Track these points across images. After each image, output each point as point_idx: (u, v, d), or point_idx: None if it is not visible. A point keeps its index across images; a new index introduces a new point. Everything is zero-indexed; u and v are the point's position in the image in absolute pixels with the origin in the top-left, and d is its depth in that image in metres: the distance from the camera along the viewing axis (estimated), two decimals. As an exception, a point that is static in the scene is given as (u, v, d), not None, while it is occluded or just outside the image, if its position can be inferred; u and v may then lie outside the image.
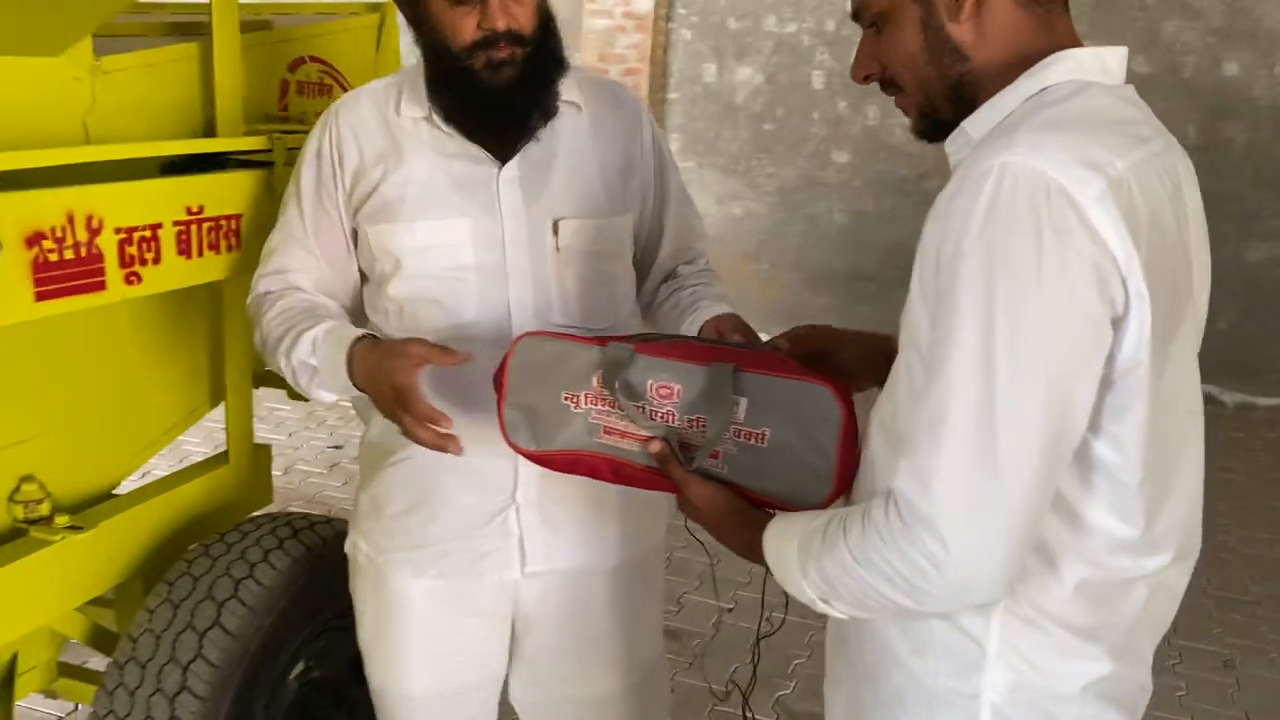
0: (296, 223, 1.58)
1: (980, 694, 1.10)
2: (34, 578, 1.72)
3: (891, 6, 1.11)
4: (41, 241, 1.37)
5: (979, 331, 0.94)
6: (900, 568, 0.98)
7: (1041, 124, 1.00)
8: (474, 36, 1.43)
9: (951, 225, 0.98)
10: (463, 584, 1.60)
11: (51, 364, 1.79)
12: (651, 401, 1.24)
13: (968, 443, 0.95)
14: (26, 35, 1.65)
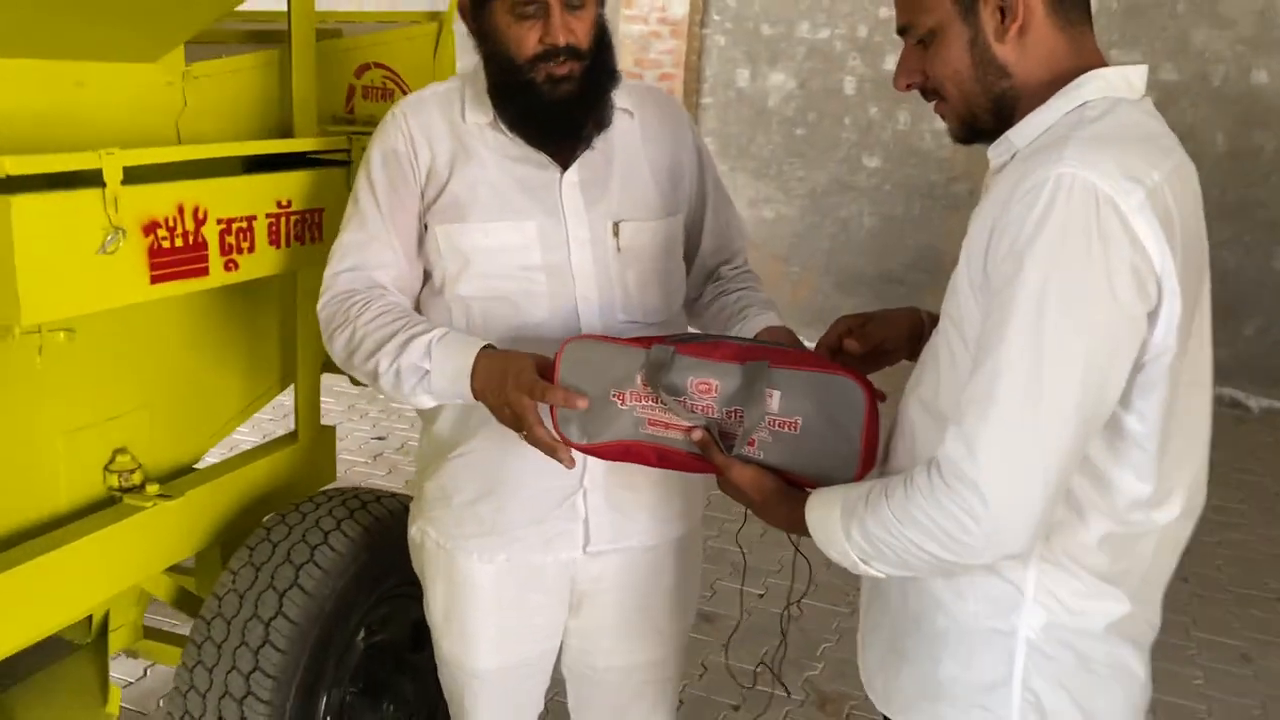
0: (374, 220, 1.62)
1: (1017, 631, 1.24)
2: (128, 541, 1.88)
3: (939, 25, 1.22)
4: (156, 230, 1.53)
5: (1032, 322, 1.08)
6: (943, 523, 1.12)
7: (1087, 140, 1.13)
8: (535, 50, 1.51)
9: (1008, 228, 1.11)
10: (529, 564, 1.69)
11: (143, 346, 1.95)
12: (692, 396, 1.36)
13: (1013, 416, 1.09)
14: (127, 44, 1.81)
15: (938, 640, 1.29)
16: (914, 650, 1.31)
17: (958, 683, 1.27)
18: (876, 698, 1.39)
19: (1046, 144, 1.16)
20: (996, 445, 1.09)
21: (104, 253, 1.43)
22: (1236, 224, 6.11)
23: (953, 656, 1.27)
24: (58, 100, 1.72)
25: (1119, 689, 1.28)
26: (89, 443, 1.89)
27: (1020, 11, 1.18)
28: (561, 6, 1.50)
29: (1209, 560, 4.08)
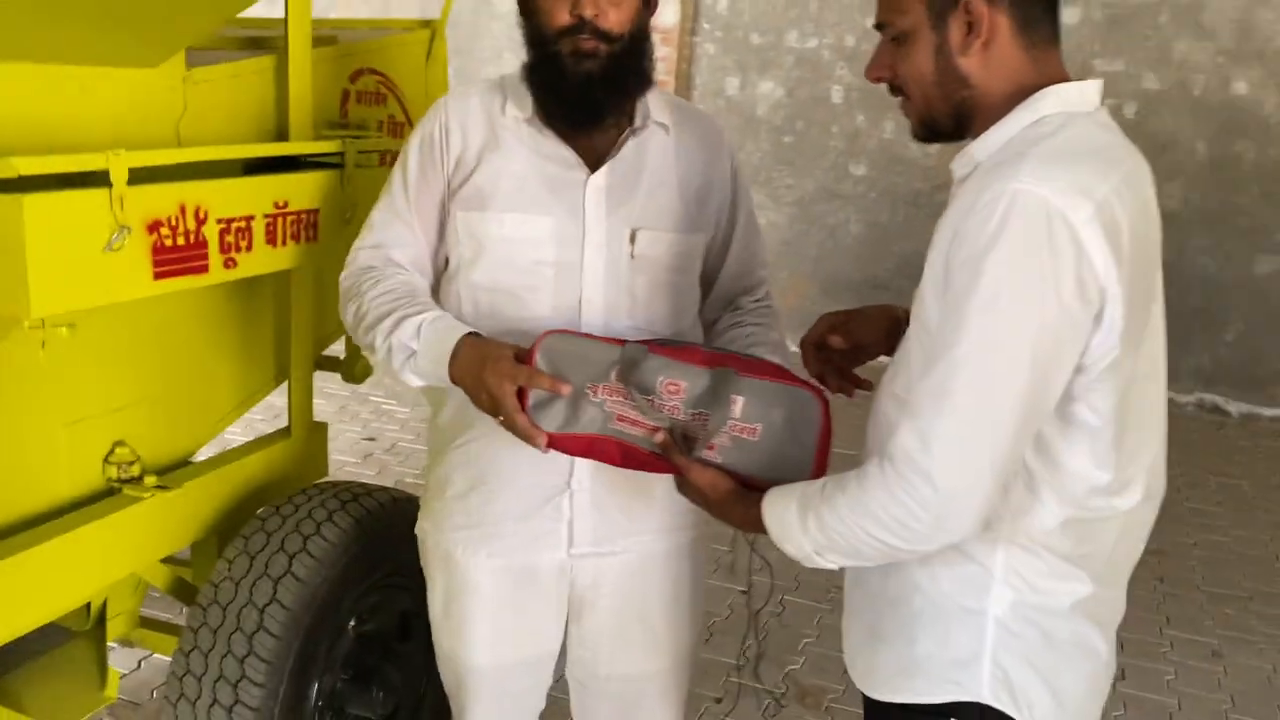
0: (401, 200, 1.68)
1: (987, 610, 1.31)
2: (126, 530, 1.94)
3: (911, 28, 1.29)
4: (160, 229, 1.59)
5: (985, 324, 1.16)
6: (894, 510, 1.19)
7: (1041, 156, 1.20)
8: (565, 22, 1.56)
9: (968, 236, 1.18)
10: (522, 564, 1.72)
11: (142, 342, 2.01)
12: (661, 396, 1.42)
13: (966, 409, 1.17)
14: (129, 50, 1.87)
15: (914, 620, 1.36)
16: (892, 630, 1.38)
17: (933, 659, 1.34)
18: (858, 677, 1.45)
19: (1005, 159, 1.23)
20: (949, 436, 1.17)
21: (110, 250, 1.49)
22: (1217, 231, 6.21)
23: (928, 635, 1.35)
24: (62, 104, 1.78)
25: (1083, 665, 1.35)
26: (89, 434, 1.95)
27: (985, 29, 1.25)
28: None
29: (1184, 561, 4.17)
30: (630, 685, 1.83)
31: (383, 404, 5.44)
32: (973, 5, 1.24)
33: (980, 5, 1.24)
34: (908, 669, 1.37)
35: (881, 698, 1.40)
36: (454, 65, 7.73)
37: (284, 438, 2.35)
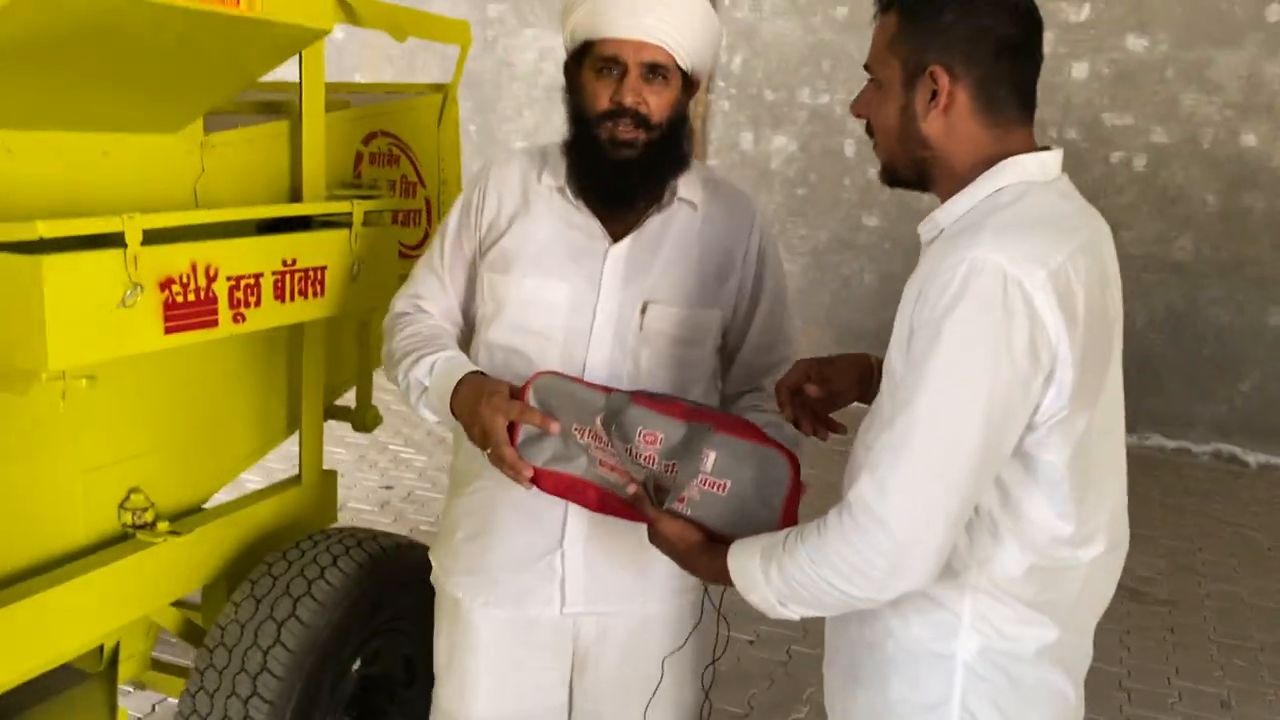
0: (438, 259, 1.81)
1: (955, 655, 1.36)
2: (139, 574, 2.02)
3: (886, 81, 1.37)
4: (171, 286, 1.69)
5: (943, 382, 1.23)
6: (852, 559, 1.25)
7: (999, 226, 1.28)
8: (606, 106, 1.62)
9: (929, 300, 1.25)
10: (521, 617, 1.75)
11: (157, 393, 2.10)
12: (638, 446, 1.48)
13: (923, 462, 1.23)
14: (150, 118, 1.99)
15: (887, 664, 1.40)
16: (868, 674, 1.43)
17: (905, 702, 1.39)
18: (834, 717, 1.50)
19: (966, 226, 1.31)
20: (904, 487, 1.23)
21: (124, 306, 1.59)
22: (1229, 282, 6.24)
23: (900, 679, 1.39)
24: (86, 168, 1.90)
25: (1049, 709, 1.39)
26: (105, 481, 2.04)
27: (944, 100, 1.33)
28: (640, 72, 1.61)
29: (1196, 612, 4.16)
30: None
31: (401, 452, 5.52)
32: (937, 75, 1.32)
33: (943, 77, 1.32)
34: (881, 712, 1.41)
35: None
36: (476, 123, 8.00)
37: (294, 485, 2.43)
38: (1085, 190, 1.44)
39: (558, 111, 1.78)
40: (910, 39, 1.34)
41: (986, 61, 1.32)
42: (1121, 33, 6.30)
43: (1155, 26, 6.23)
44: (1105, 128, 6.40)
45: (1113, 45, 6.32)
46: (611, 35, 1.60)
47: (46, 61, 1.63)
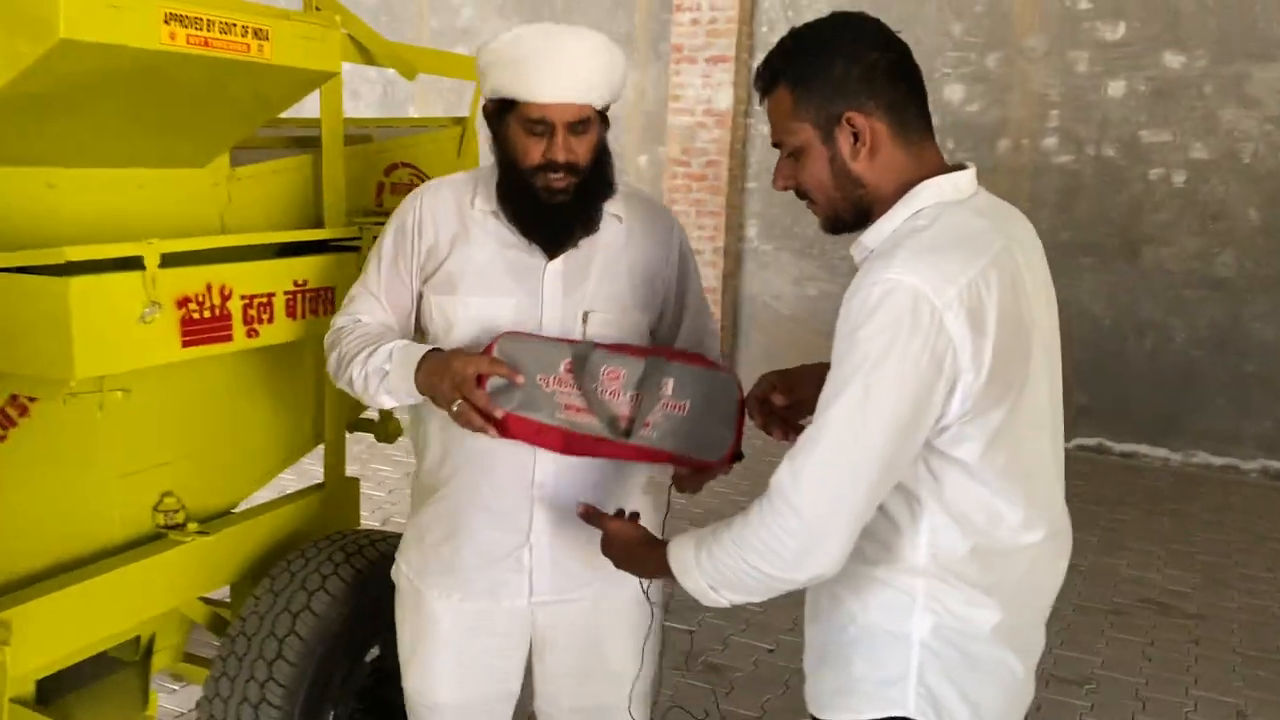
0: (374, 280, 1.89)
1: (911, 634, 1.49)
2: (171, 570, 2.21)
3: (804, 145, 1.48)
4: (188, 304, 1.88)
5: (858, 387, 1.36)
6: (766, 539, 1.39)
7: (915, 248, 1.40)
8: (538, 161, 1.74)
9: (850, 315, 1.38)
10: (483, 609, 1.88)
11: (189, 404, 2.30)
12: (603, 382, 1.67)
13: (830, 455, 1.37)
14: (180, 153, 2.20)
15: (850, 645, 1.53)
16: (834, 655, 1.56)
17: (866, 679, 1.52)
18: (807, 700, 1.62)
19: (886, 249, 1.43)
20: (817, 476, 1.36)
21: (143, 322, 1.78)
22: (1273, 298, 6.18)
23: (862, 658, 1.52)
24: (123, 200, 2.11)
25: (1000, 684, 1.52)
26: (140, 485, 2.24)
27: (868, 137, 1.46)
28: (565, 129, 1.72)
29: (1224, 625, 4.15)
30: (592, 716, 1.99)
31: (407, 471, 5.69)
32: (853, 119, 1.45)
33: (859, 118, 1.44)
34: (844, 689, 1.54)
35: (824, 717, 1.57)
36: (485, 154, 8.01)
37: (318, 491, 2.61)
38: (1124, 206, 1.59)
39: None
40: (811, 101, 1.46)
41: (885, 91, 1.45)
42: (1158, 50, 6.31)
43: (1192, 43, 6.23)
44: (1143, 145, 6.40)
45: (1149, 63, 6.34)
46: (537, 100, 1.70)
47: (85, 105, 1.84)
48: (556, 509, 1.83)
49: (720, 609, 2.06)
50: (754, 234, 7.51)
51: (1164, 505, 5.64)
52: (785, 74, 1.48)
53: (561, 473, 1.83)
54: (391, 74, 7.33)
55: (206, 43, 1.82)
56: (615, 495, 1.90)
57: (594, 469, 1.86)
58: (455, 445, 1.86)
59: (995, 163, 6.66)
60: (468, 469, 1.86)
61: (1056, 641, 3.90)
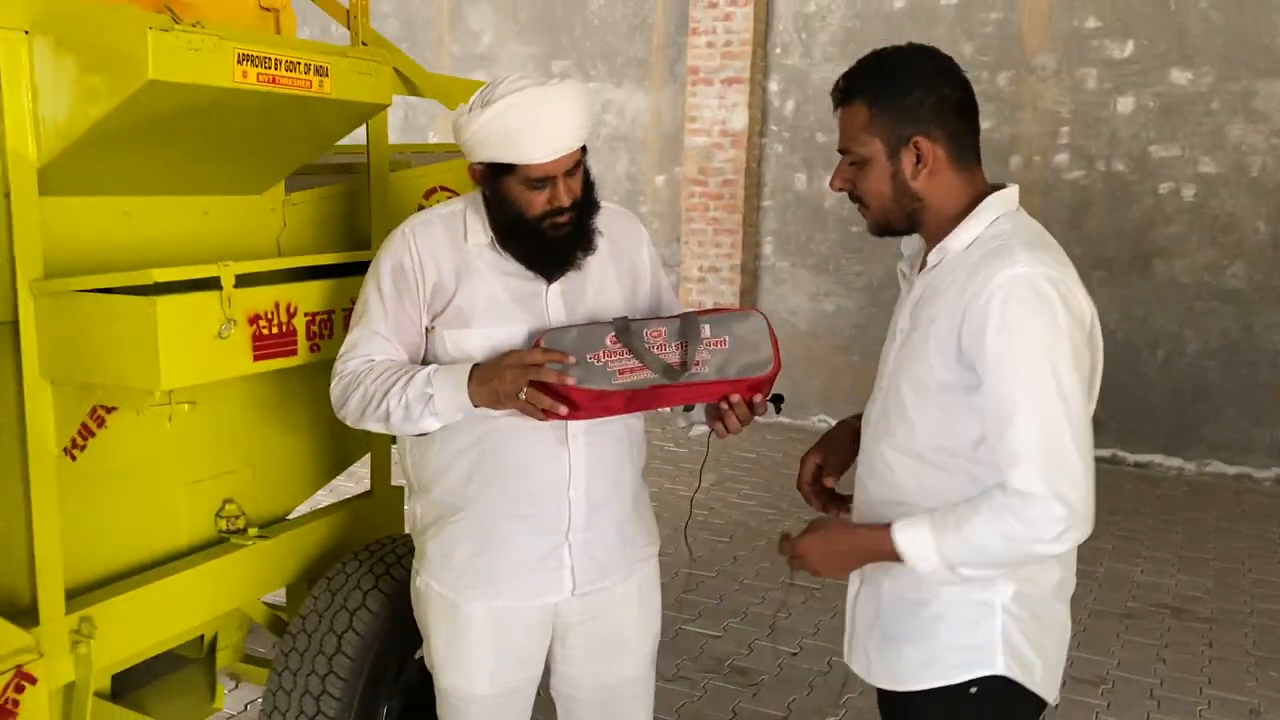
0: (380, 320, 1.92)
1: (995, 601, 1.65)
2: (233, 572, 2.36)
3: (871, 158, 1.66)
4: (259, 321, 2.03)
5: (1045, 371, 1.52)
6: (1031, 528, 1.52)
7: (1023, 245, 1.58)
8: (543, 209, 1.86)
9: (993, 312, 1.53)
10: (520, 606, 1.99)
11: (248, 418, 2.45)
12: (648, 341, 1.85)
13: (1056, 437, 1.52)
14: (241, 182, 2.36)
15: (934, 619, 1.68)
16: (914, 631, 1.70)
17: (954, 648, 1.67)
18: (878, 679, 1.76)
19: (992, 249, 1.60)
20: (1052, 463, 1.52)
21: (220, 338, 1.93)
22: (1282, 308, 6.29)
23: (949, 629, 1.67)
24: (190, 226, 2.27)
25: (1057, 632, 1.72)
26: (204, 493, 2.39)
27: (930, 160, 1.64)
28: (564, 176, 1.85)
29: (1237, 628, 4.25)
30: (611, 692, 2.12)
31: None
32: (920, 144, 1.63)
33: (925, 143, 1.63)
34: (931, 660, 1.69)
35: (907, 688, 1.72)
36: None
37: (366, 498, 2.76)
38: (1135, 220, 1.83)
39: (620, 160, 2.04)
40: (886, 120, 1.64)
41: (952, 122, 1.65)
42: (1165, 67, 6.44)
43: (1198, 60, 6.37)
44: (1153, 159, 6.53)
45: (1157, 79, 6.47)
46: (537, 162, 1.81)
47: (161, 139, 2.00)
48: (587, 505, 1.97)
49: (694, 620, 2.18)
50: (770, 251, 7.65)
51: (1178, 514, 5.74)
52: (865, 92, 1.66)
53: (590, 469, 1.96)
54: (412, 100, 7.53)
55: (274, 80, 1.97)
56: (627, 479, 2.06)
57: (612, 463, 2.01)
58: (485, 462, 1.95)
59: (1008, 179, 6.76)
60: (501, 482, 1.95)
61: (1073, 644, 3.96)
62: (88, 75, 1.83)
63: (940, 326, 1.60)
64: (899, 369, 1.70)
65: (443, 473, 1.99)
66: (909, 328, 1.70)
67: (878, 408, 1.76)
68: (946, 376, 1.60)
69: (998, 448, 1.55)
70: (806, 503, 1.93)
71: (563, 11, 8.20)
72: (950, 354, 1.59)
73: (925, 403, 1.64)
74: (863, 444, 1.80)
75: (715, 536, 5.15)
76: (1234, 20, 6.27)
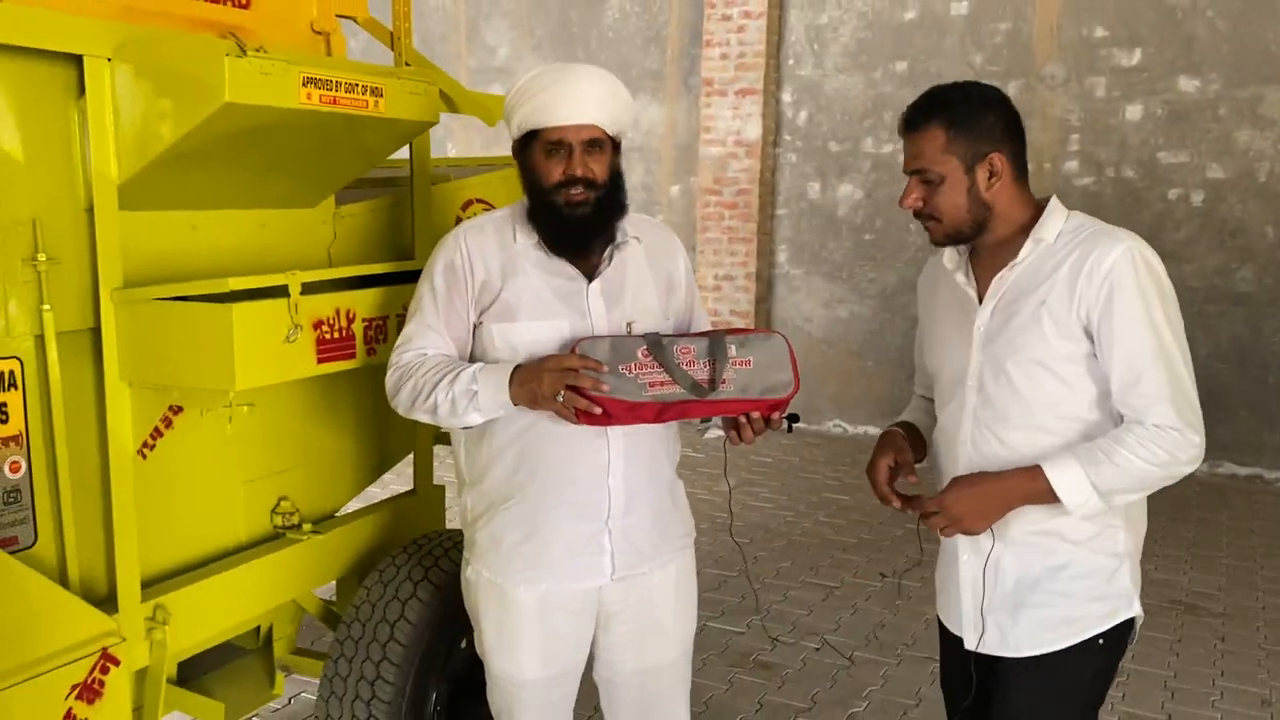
0: (432, 316, 2.07)
1: (1121, 553, 1.91)
2: (290, 565, 2.49)
3: (947, 175, 1.87)
4: (322, 326, 2.16)
5: (1164, 328, 1.78)
6: (1174, 453, 1.78)
7: (1110, 230, 1.85)
8: (558, 179, 2.00)
9: (1118, 283, 1.78)
10: (566, 592, 2.10)
11: (301, 419, 2.58)
12: (679, 357, 1.97)
13: (1185, 379, 1.79)
14: (296, 196, 2.49)
15: (1071, 580, 1.90)
16: (1051, 595, 1.90)
17: (1097, 601, 1.90)
18: (1016, 648, 1.94)
19: (1087, 234, 1.85)
20: (1186, 401, 1.79)
21: (288, 342, 2.06)
22: (1292, 311, 6.40)
23: (1086, 587, 1.90)
24: (249, 237, 2.40)
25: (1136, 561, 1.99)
26: (261, 490, 2.52)
27: (1002, 175, 1.89)
28: (581, 149, 2.00)
29: (1249, 623, 4.35)
30: (650, 677, 2.24)
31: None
32: (995, 160, 1.87)
33: (999, 159, 1.87)
34: (1074, 616, 1.89)
35: (1044, 651, 1.91)
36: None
37: (410, 496, 2.89)
38: (1145, 225, 2.08)
39: (635, 171, 2.18)
40: (964, 140, 1.86)
41: (1015, 141, 1.90)
42: (1173, 75, 6.56)
43: (1205, 68, 6.49)
44: (1162, 166, 6.64)
45: (1165, 87, 6.59)
46: (555, 124, 1.99)
47: (228, 157, 2.14)
48: (626, 493, 2.10)
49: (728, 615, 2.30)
50: (784, 259, 7.78)
51: (1191, 513, 5.84)
52: (943, 116, 1.87)
53: (628, 458, 2.09)
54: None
55: (335, 101, 2.11)
56: (663, 470, 2.19)
57: (647, 455, 2.13)
58: (531, 453, 2.07)
59: (1018, 186, 6.91)
60: (546, 470, 2.07)
61: (1088, 638, 4.12)
62: (165, 99, 1.97)
63: (1054, 305, 1.83)
64: (995, 359, 1.89)
65: (493, 463, 2.11)
66: (1001, 321, 1.89)
67: (972, 402, 1.93)
68: (1066, 348, 1.82)
69: (1130, 395, 1.80)
70: (885, 504, 2.05)
71: (578, 25, 8.36)
72: (1070, 327, 1.81)
73: (1041, 379, 1.85)
74: (961, 438, 1.96)
75: (736, 538, 5.28)
76: (1240, 28, 6.39)
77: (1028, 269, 1.87)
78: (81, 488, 2.10)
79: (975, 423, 1.93)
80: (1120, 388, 1.81)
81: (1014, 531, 1.91)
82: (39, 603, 1.91)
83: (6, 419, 1.95)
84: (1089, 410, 1.85)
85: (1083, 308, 1.80)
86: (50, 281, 1.97)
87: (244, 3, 2.39)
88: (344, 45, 2.68)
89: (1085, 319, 1.81)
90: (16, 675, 1.84)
